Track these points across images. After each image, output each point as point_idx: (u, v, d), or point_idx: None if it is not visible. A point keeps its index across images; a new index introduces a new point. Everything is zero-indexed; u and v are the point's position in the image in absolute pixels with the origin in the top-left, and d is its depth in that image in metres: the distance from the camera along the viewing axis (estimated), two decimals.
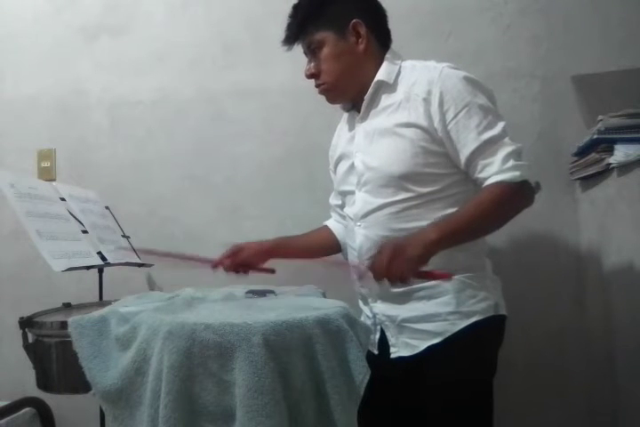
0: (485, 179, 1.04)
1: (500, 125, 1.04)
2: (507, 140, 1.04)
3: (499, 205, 1.01)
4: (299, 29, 1.16)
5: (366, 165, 1.14)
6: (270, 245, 1.29)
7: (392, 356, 1.13)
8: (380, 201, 1.11)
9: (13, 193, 1.20)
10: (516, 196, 1.02)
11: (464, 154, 1.05)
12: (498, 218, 1.04)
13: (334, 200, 1.38)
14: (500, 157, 1.02)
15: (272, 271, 1.27)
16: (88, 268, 1.31)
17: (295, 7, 1.18)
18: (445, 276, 0.97)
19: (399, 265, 0.92)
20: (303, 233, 1.39)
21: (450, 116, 1.04)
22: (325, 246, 1.36)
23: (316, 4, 1.15)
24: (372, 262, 0.94)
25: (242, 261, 1.23)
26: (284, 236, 1.35)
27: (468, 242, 1.06)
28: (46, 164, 1.89)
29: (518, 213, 1.05)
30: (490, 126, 1.04)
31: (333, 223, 1.39)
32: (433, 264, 0.97)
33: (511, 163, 1.01)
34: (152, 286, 1.76)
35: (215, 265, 1.21)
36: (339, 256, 1.35)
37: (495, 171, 1.02)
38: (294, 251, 1.33)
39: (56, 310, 1.21)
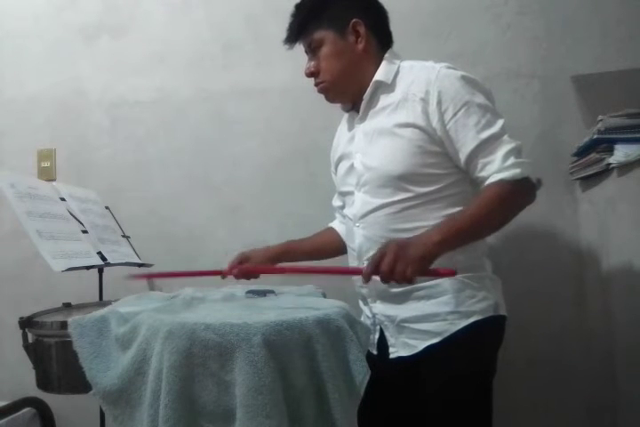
0: (486, 178, 1.03)
1: (499, 123, 1.04)
2: (506, 137, 1.03)
3: (501, 204, 1.00)
4: (299, 28, 1.16)
5: (365, 165, 1.14)
6: (277, 251, 1.30)
7: (391, 356, 1.13)
8: (379, 201, 1.11)
9: (13, 193, 1.20)
10: (517, 193, 1.02)
11: (464, 153, 1.05)
12: (501, 216, 1.03)
13: (337, 202, 1.37)
14: (500, 155, 1.02)
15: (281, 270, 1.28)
16: (88, 268, 1.31)
17: (297, 6, 1.18)
18: (449, 273, 0.95)
19: (404, 266, 0.90)
20: (309, 236, 1.40)
21: (448, 115, 1.04)
22: (332, 248, 1.36)
23: (318, 3, 1.15)
24: (377, 264, 0.92)
25: (250, 269, 1.22)
26: (289, 240, 1.35)
27: (474, 242, 1.06)
28: (46, 164, 1.90)
29: (521, 210, 1.04)
30: (489, 124, 1.03)
31: (338, 225, 1.39)
32: (433, 265, 0.96)
33: (511, 160, 1.01)
34: (152, 286, 1.76)
35: (224, 275, 1.21)
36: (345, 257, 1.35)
37: (496, 169, 1.02)
38: (301, 255, 1.34)
39: (56, 310, 1.21)
